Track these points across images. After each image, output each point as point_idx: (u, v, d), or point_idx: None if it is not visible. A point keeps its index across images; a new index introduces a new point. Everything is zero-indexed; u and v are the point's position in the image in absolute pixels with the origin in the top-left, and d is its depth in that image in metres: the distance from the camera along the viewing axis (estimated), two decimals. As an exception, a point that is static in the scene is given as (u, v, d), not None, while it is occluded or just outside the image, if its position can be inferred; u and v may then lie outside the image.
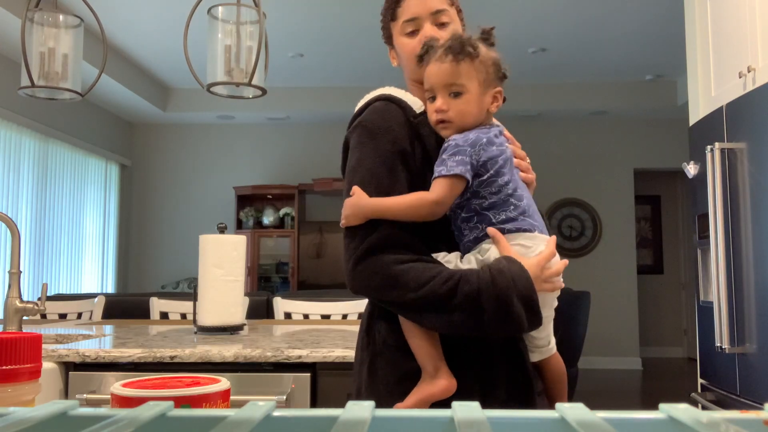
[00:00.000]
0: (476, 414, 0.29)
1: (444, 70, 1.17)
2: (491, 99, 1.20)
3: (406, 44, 1.27)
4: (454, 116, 1.17)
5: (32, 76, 2.46)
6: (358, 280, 1.14)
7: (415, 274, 1.10)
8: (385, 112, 1.23)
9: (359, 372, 1.26)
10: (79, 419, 0.30)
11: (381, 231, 1.14)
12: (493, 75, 1.19)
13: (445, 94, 1.18)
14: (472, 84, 1.17)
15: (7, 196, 5.38)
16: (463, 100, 1.17)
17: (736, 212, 2.38)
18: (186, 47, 2.51)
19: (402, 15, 1.27)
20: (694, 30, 3.04)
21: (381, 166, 1.18)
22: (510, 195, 1.16)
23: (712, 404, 2.54)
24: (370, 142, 1.20)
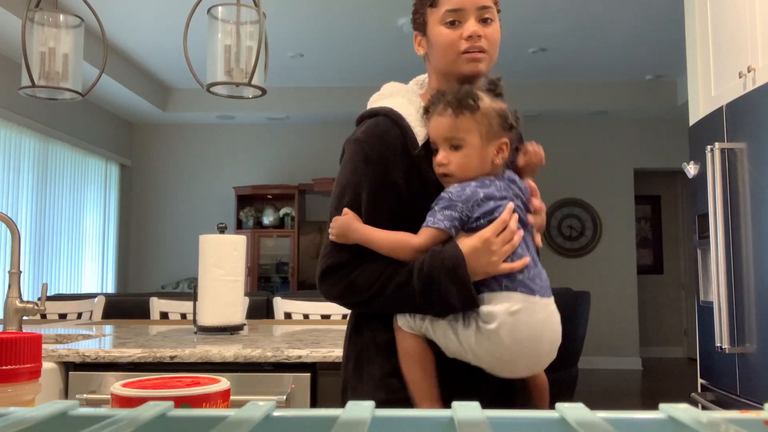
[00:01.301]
0: (476, 414, 0.29)
1: (443, 124, 1.18)
2: (495, 150, 1.19)
3: (446, 35, 1.23)
4: (455, 169, 1.18)
5: (32, 76, 2.46)
6: (324, 291, 1.24)
7: (367, 275, 1.18)
8: (385, 137, 1.22)
9: (345, 367, 1.29)
10: (79, 419, 0.30)
11: (348, 252, 1.20)
12: (497, 126, 1.18)
13: (446, 147, 1.19)
14: (473, 137, 1.17)
15: (7, 196, 5.38)
16: (463, 154, 1.17)
17: (736, 212, 2.38)
18: (186, 47, 2.51)
19: (445, 3, 1.22)
20: (694, 30, 3.04)
21: (368, 196, 1.20)
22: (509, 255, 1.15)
23: (712, 404, 2.54)
24: (364, 167, 1.21)
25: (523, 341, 1.11)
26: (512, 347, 1.10)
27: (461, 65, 1.23)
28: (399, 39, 5.71)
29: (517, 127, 1.22)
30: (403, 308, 1.18)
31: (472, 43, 1.21)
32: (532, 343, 1.12)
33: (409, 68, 7.24)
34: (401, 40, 5.72)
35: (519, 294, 1.12)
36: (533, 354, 1.13)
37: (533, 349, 1.12)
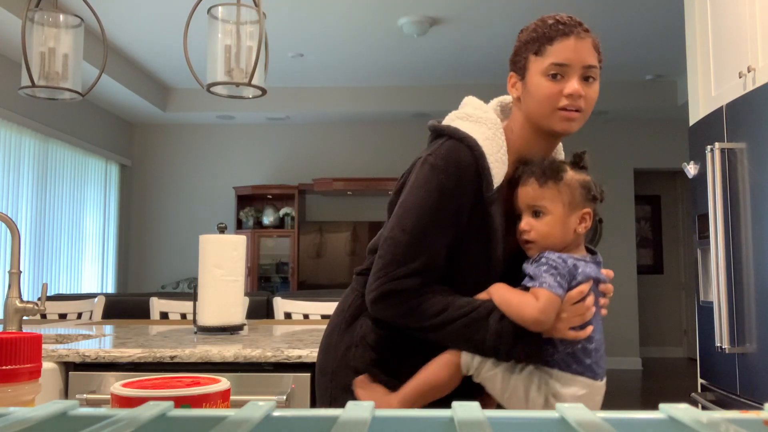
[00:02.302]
0: (476, 414, 0.29)
1: (527, 192, 1.21)
2: (578, 220, 1.21)
3: (546, 87, 1.20)
4: (536, 237, 1.21)
5: (32, 76, 2.46)
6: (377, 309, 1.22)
7: (431, 305, 1.18)
8: (463, 172, 1.19)
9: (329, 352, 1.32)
10: (79, 419, 0.30)
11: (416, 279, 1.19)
12: (580, 197, 1.21)
13: (529, 215, 1.21)
14: (555, 206, 1.20)
15: (7, 196, 5.38)
16: (545, 221, 1.20)
17: (736, 212, 2.38)
18: (186, 47, 2.51)
19: (551, 55, 1.20)
20: (694, 30, 3.04)
21: (435, 228, 1.20)
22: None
23: (712, 404, 2.54)
24: (437, 198, 1.19)
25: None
26: None
27: (555, 121, 1.21)
28: (399, 39, 5.71)
29: (600, 199, 1.24)
30: (461, 343, 1.18)
31: (572, 102, 1.19)
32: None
33: (409, 68, 7.23)
34: (401, 40, 5.72)
35: (585, 379, 1.16)
36: None
37: None
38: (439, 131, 1.27)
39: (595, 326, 1.18)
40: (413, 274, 1.18)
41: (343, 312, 1.34)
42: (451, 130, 1.24)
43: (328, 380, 1.30)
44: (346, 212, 7.66)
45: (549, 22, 1.22)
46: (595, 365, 1.17)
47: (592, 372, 1.17)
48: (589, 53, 1.21)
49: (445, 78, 6.81)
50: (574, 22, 1.22)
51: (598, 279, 1.20)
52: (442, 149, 1.22)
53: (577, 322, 1.15)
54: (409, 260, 1.18)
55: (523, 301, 1.15)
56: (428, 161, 1.22)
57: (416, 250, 1.18)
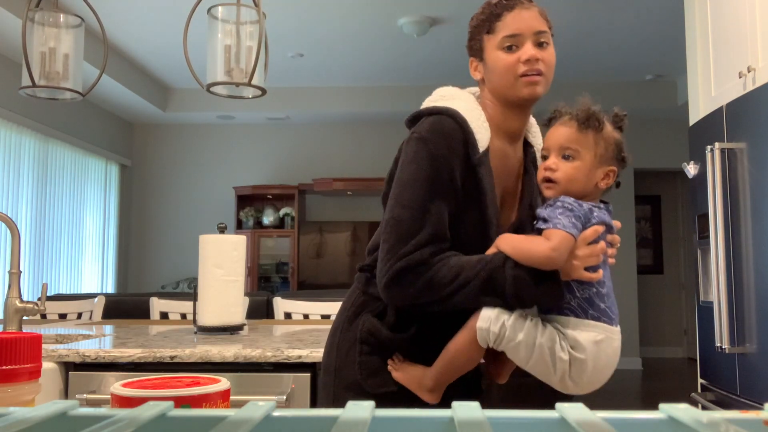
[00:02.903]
0: (476, 414, 0.29)
1: (563, 132, 1.22)
2: (603, 175, 1.22)
3: (504, 59, 1.25)
4: (561, 177, 1.21)
5: (33, 76, 2.46)
6: (395, 293, 1.20)
7: (447, 269, 1.17)
8: (449, 139, 1.22)
9: (332, 351, 1.33)
10: (79, 419, 0.30)
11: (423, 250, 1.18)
12: (611, 153, 1.22)
13: (558, 155, 1.22)
14: (587, 153, 1.20)
15: (7, 196, 5.38)
16: (574, 166, 1.20)
17: (736, 212, 2.38)
18: (186, 47, 2.51)
19: (502, 30, 1.25)
20: (694, 30, 3.04)
21: (430, 193, 1.20)
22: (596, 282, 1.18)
23: (712, 404, 2.54)
24: (428, 166, 1.21)
25: (601, 368, 1.17)
26: (592, 373, 1.16)
27: (520, 88, 1.25)
28: (399, 39, 5.71)
29: (627, 164, 1.25)
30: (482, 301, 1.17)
31: (530, 66, 1.23)
32: (606, 369, 1.18)
33: (409, 68, 7.25)
34: (401, 40, 5.72)
35: (602, 324, 1.17)
36: (604, 377, 1.19)
37: (605, 374, 1.19)
38: (417, 113, 1.30)
39: (604, 272, 1.19)
40: (421, 246, 1.18)
41: (345, 311, 1.35)
42: (428, 109, 1.28)
43: (331, 379, 1.31)
44: (346, 212, 7.66)
45: (493, 2, 1.28)
46: (609, 310, 1.18)
47: (608, 317, 1.18)
48: (536, 20, 1.25)
49: (444, 78, 6.81)
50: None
51: (610, 226, 1.22)
52: (425, 124, 1.25)
53: (592, 262, 1.16)
54: (415, 234, 1.18)
55: (534, 242, 1.16)
56: (413, 137, 1.25)
57: (420, 222, 1.18)
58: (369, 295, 1.31)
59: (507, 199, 1.34)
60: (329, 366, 1.32)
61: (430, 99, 1.33)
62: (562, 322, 1.18)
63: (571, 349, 1.15)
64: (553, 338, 1.16)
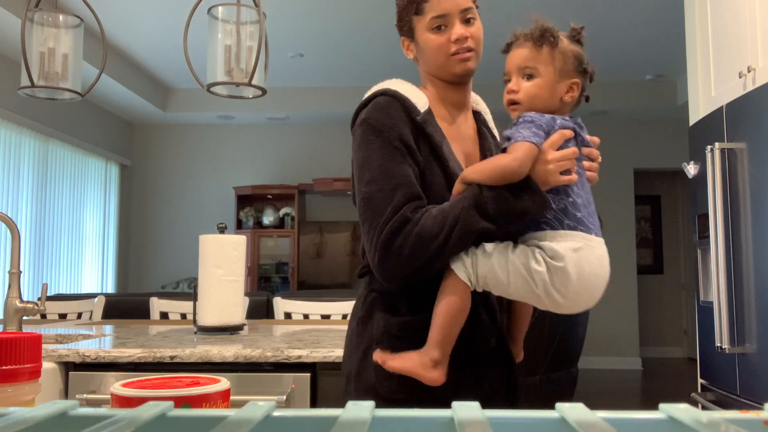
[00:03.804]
0: (476, 414, 0.29)
1: (520, 53, 1.23)
2: (566, 88, 1.22)
3: (434, 40, 1.28)
4: (523, 97, 1.21)
5: (32, 76, 2.46)
6: (391, 263, 1.17)
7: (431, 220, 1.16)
8: (388, 109, 1.25)
9: (350, 357, 1.31)
10: (79, 419, 0.30)
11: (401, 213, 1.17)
12: (571, 66, 1.22)
13: (518, 77, 1.22)
14: (547, 69, 1.21)
15: (7, 196, 5.38)
16: (534, 83, 1.21)
17: (736, 212, 2.38)
18: (186, 47, 2.51)
19: (430, 11, 1.28)
20: (694, 30, 3.04)
21: (390, 162, 1.21)
22: (569, 187, 1.18)
23: (712, 404, 2.54)
24: (376, 139, 1.23)
25: (586, 276, 1.15)
26: (577, 283, 1.14)
27: (453, 66, 1.29)
28: (399, 39, 5.70)
29: (590, 74, 1.25)
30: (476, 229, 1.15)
31: (460, 45, 1.27)
32: (593, 278, 1.16)
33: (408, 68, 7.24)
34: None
35: (579, 233, 1.17)
36: (593, 288, 1.17)
37: (593, 284, 1.17)
38: (355, 112, 1.33)
39: (580, 185, 1.19)
40: (398, 208, 1.17)
41: (356, 314, 1.33)
42: (363, 101, 1.32)
43: (352, 386, 1.28)
44: (346, 212, 7.66)
45: None
46: (587, 220, 1.18)
47: (585, 226, 1.17)
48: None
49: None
50: None
51: (580, 135, 1.22)
52: (363, 112, 1.29)
53: (566, 165, 1.16)
54: (388, 201, 1.18)
55: (495, 159, 1.17)
56: (356, 125, 1.29)
57: (389, 189, 1.19)
58: (376, 292, 1.30)
59: (468, 164, 1.34)
60: (350, 373, 1.30)
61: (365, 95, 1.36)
62: (539, 236, 1.17)
63: (550, 259, 1.14)
64: (525, 253, 1.15)
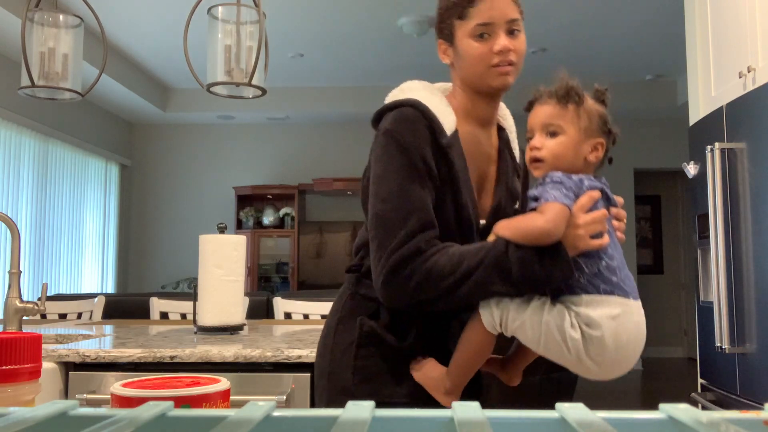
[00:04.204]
0: (476, 414, 0.29)
1: (544, 110, 1.20)
2: (590, 148, 1.19)
3: (476, 48, 1.23)
4: (547, 155, 1.18)
5: (32, 76, 2.46)
6: (393, 291, 1.15)
7: (448, 258, 1.12)
8: (415, 125, 1.21)
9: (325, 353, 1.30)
10: (79, 419, 0.30)
11: (416, 240, 1.14)
12: (596, 126, 1.19)
13: (542, 134, 1.20)
14: (571, 128, 1.18)
15: (7, 196, 5.38)
16: (559, 141, 1.18)
17: (736, 212, 2.38)
18: (186, 47, 2.51)
19: (474, 17, 1.22)
20: (694, 30, 3.04)
21: (409, 183, 1.18)
22: (602, 249, 1.14)
23: (712, 404, 2.54)
24: (398, 155, 1.19)
25: (624, 345, 1.11)
26: (614, 352, 1.11)
27: (491, 79, 1.24)
28: (399, 39, 5.70)
29: (614, 135, 1.22)
30: (491, 290, 1.12)
31: (503, 58, 1.22)
32: (630, 347, 1.12)
33: (408, 68, 7.24)
34: (401, 40, 5.72)
35: (617, 298, 1.12)
36: (630, 357, 1.13)
37: (630, 352, 1.13)
38: (379, 111, 1.29)
39: (614, 246, 1.15)
40: (412, 235, 1.14)
41: (336, 312, 1.33)
42: (388, 104, 1.27)
43: (325, 382, 1.29)
44: (346, 212, 7.66)
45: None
46: (623, 283, 1.14)
47: (622, 290, 1.13)
48: (509, 8, 1.23)
49: (444, 78, 6.80)
50: None
51: (609, 197, 1.19)
52: (387, 119, 1.24)
53: (596, 229, 1.12)
54: (402, 224, 1.15)
55: (528, 219, 1.12)
56: (379, 134, 1.24)
57: (404, 211, 1.15)
58: (360, 295, 1.29)
59: (483, 185, 1.32)
60: (323, 369, 1.30)
61: (391, 94, 1.32)
62: (575, 301, 1.12)
63: (585, 327, 1.10)
64: (561, 315, 1.11)
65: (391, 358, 1.25)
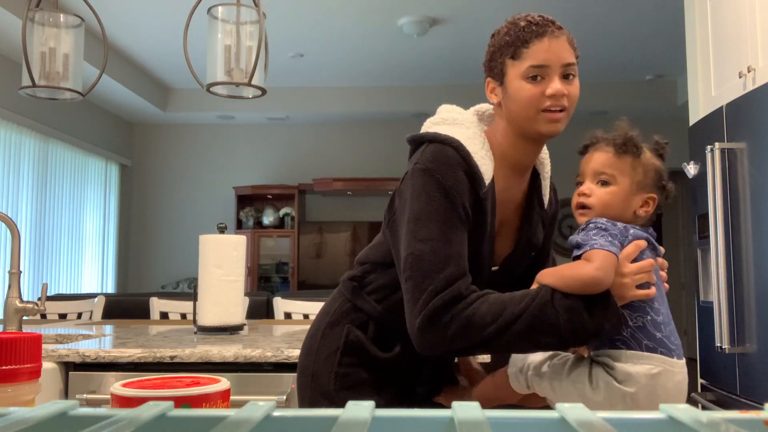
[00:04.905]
0: (476, 414, 0.29)
1: (599, 158, 1.18)
2: (641, 202, 1.17)
3: (527, 90, 1.17)
4: (595, 203, 1.16)
5: (33, 76, 2.46)
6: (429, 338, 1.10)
7: (488, 306, 1.08)
8: (456, 171, 1.16)
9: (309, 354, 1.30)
10: (79, 419, 0.30)
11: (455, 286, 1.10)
12: (650, 180, 1.17)
13: (593, 181, 1.17)
14: (624, 179, 1.16)
15: (7, 196, 5.38)
16: (610, 191, 1.16)
17: (736, 212, 2.38)
18: (186, 47, 2.51)
19: (529, 58, 1.17)
20: (694, 30, 3.04)
21: (451, 228, 1.13)
22: (648, 302, 1.10)
23: (712, 404, 2.54)
24: (441, 198, 1.14)
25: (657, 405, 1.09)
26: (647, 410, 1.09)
27: (540, 124, 1.19)
28: (399, 39, 5.70)
29: (668, 191, 1.20)
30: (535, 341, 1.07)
31: (555, 102, 1.17)
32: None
33: (409, 68, 7.24)
34: (401, 40, 5.72)
35: (659, 356, 1.08)
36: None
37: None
38: (418, 139, 1.24)
39: (660, 300, 1.12)
40: (452, 281, 1.09)
41: (327, 315, 1.32)
42: (430, 135, 1.21)
43: (308, 381, 1.29)
44: (346, 212, 7.66)
45: (521, 24, 1.19)
46: (667, 340, 1.09)
47: (666, 347, 1.08)
48: (565, 51, 1.19)
49: (445, 78, 6.81)
50: (547, 21, 1.19)
51: (654, 245, 1.15)
52: (427, 154, 1.18)
53: (643, 278, 1.09)
54: (441, 268, 1.10)
55: (576, 267, 1.08)
56: (418, 168, 1.17)
57: (443, 255, 1.10)
58: (354, 305, 1.29)
59: (501, 230, 1.28)
60: (306, 369, 1.30)
61: (432, 120, 1.27)
62: (614, 356, 1.08)
63: (618, 384, 1.06)
64: (582, 378, 1.08)
65: (373, 369, 1.25)
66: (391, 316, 1.23)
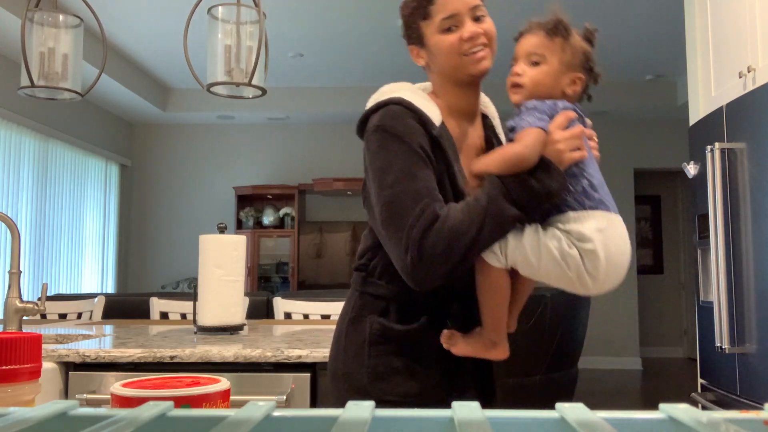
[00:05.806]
0: (476, 414, 0.29)
1: (531, 40, 1.24)
2: (569, 81, 1.24)
3: (446, 40, 1.24)
4: (526, 81, 1.22)
5: (32, 76, 2.46)
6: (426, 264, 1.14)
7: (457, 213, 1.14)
8: (404, 118, 1.22)
9: (338, 356, 1.31)
10: (79, 419, 0.30)
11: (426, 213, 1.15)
12: (578, 61, 1.24)
13: (525, 62, 1.24)
14: (553, 58, 1.23)
15: (7, 196, 5.38)
16: (540, 70, 1.22)
17: (736, 212, 2.38)
18: (186, 47, 2.51)
19: (438, 12, 1.25)
20: (694, 30, 3.04)
21: (413, 165, 1.18)
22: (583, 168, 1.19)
23: (712, 404, 2.54)
24: (397, 144, 1.20)
25: (613, 256, 1.16)
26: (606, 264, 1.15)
27: (468, 67, 1.25)
28: (399, 39, 5.69)
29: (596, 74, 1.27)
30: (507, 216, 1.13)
31: (474, 43, 1.24)
32: (619, 257, 1.17)
33: (408, 68, 7.26)
34: (401, 40, 5.71)
35: (601, 212, 1.18)
36: (620, 267, 1.18)
37: (620, 263, 1.17)
38: (365, 117, 1.29)
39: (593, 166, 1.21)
40: (425, 208, 1.14)
41: (347, 314, 1.33)
42: (372, 106, 1.28)
43: (341, 383, 1.29)
44: (346, 212, 7.66)
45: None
46: (605, 199, 1.19)
47: (605, 205, 1.19)
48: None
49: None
50: None
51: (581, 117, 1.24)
52: (374, 119, 1.25)
53: (575, 144, 1.17)
54: (414, 204, 1.15)
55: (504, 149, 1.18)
56: (369, 132, 1.24)
57: (412, 192, 1.16)
58: (368, 294, 1.30)
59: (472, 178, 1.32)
60: (336, 371, 1.31)
61: (372, 98, 1.33)
62: (562, 219, 1.17)
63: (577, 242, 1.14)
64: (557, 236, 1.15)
65: (403, 354, 1.25)
66: (407, 292, 1.23)
